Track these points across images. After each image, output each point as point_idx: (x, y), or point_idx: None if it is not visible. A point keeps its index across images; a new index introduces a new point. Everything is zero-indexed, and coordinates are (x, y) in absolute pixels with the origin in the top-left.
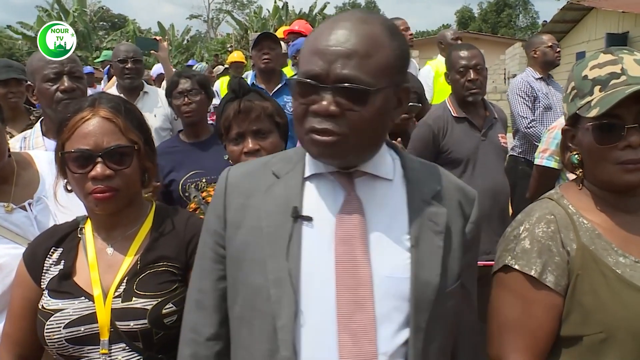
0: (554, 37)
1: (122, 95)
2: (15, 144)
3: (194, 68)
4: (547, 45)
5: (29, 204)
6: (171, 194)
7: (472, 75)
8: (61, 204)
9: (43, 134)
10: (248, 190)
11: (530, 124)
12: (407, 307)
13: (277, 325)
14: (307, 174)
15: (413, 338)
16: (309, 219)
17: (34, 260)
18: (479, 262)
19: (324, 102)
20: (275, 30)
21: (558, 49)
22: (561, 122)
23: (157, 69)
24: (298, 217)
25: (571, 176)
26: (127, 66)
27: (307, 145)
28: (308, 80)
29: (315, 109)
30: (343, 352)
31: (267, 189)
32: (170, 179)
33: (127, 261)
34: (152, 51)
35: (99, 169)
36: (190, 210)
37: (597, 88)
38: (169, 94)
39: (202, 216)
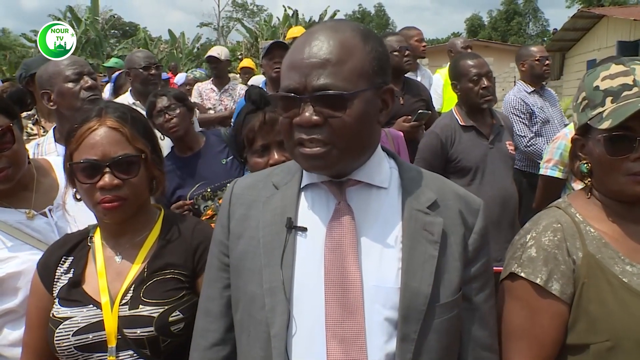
0: (565, 44)
1: (137, 102)
2: (28, 150)
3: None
4: (535, 58)
5: (50, 210)
6: None
7: (485, 82)
8: (69, 213)
9: (55, 141)
10: (250, 201)
11: (529, 143)
12: (398, 317)
13: (270, 333)
14: (302, 184)
15: (399, 348)
16: (303, 229)
17: (46, 269)
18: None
19: (306, 114)
20: (285, 36)
21: (547, 62)
22: (565, 132)
23: (181, 77)
24: (292, 227)
25: (576, 185)
26: (152, 72)
27: (298, 158)
28: (287, 94)
29: (298, 122)
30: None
31: (266, 200)
32: (178, 196)
33: (135, 269)
34: None
35: (107, 179)
36: (208, 217)
37: (608, 99)
38: (149, 116)
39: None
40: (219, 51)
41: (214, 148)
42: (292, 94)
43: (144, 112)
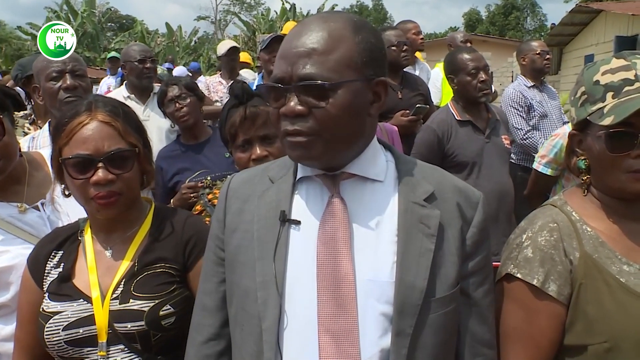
0: (563, 39)
1: (133, 95)
2: (23, 143)
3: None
4: (536, 52)
5: (42, 204)
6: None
7: (483, 76)
8: (61, 208)
9: (50, 134)
10: (245, 195)
11: (526, 135)
12: (393, 312)
13: (262, 327)
14: (297, 177)
15: (394, 343)
16: (296, 222)
17: (36, 264)
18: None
19: (291, 103)
20: (282, 29)
21: (548, 56)
22: (565, 130)
23: (180, 70)
24: (286, 220)
25: (566, 183)
26: (146, 66)
27: (286, 149)
28: (273, 84)
29: (283, 111)
30: (324, 354)
31: (262, 194)
32: (176, 181)
33: (125, 263)
34: None
35: (100, 174)
36: (196, 212)
37: (609, 94)
38: (160, 105)
39: (207, 218)
40: (225, 46)
41: (219, 141)
42: (279, 84)
43: (138, 106)
